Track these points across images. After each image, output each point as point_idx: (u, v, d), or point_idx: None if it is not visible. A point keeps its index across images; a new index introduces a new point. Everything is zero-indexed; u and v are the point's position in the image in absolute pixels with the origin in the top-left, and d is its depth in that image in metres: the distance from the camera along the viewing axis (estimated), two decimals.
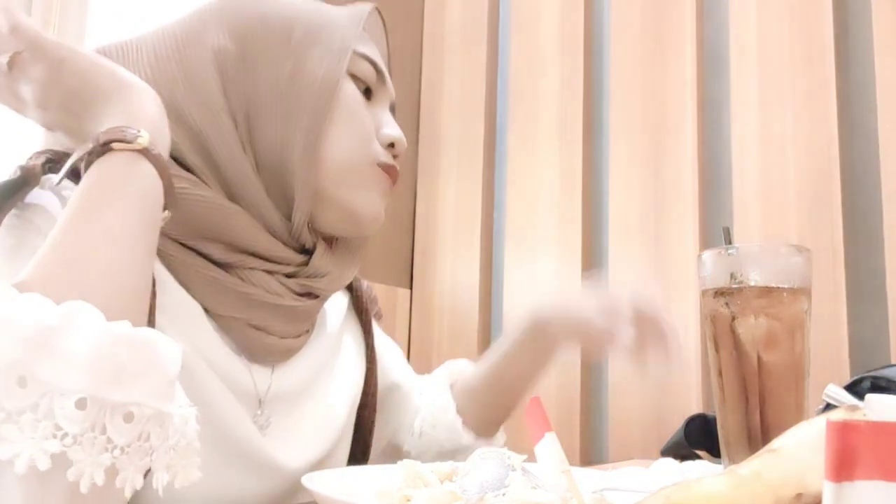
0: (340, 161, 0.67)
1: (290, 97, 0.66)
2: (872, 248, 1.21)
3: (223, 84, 0.66)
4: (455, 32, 1.77)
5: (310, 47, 0.68)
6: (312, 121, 0.65)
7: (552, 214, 1.55)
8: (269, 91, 0.66)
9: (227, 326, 0.64)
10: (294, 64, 0.67)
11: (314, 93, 0.66)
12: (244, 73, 0.66)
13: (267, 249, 0.65)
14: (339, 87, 0.67)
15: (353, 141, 0.68)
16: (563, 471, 0.45)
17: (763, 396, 0.65)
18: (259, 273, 0.64)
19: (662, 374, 0.80)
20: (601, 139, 1.55)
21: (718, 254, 0.68)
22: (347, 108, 0.68)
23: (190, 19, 0.70)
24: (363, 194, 0.69)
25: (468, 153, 1.69)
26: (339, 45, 0.68)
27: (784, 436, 0.35)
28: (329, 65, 0.67)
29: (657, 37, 1.48)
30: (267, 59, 0.67)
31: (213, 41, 0.67)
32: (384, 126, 0.72)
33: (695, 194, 1.38)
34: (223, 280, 0.63)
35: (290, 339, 0.68)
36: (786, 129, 1.31)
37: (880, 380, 0.87)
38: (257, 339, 0.65)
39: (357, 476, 0.55)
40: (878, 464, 0.23)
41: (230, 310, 0.63)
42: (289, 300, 0.66)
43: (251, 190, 0.65)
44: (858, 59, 1.28)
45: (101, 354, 0.39)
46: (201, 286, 0.62)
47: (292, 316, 0.67)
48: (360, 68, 0.70)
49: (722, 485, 0.32)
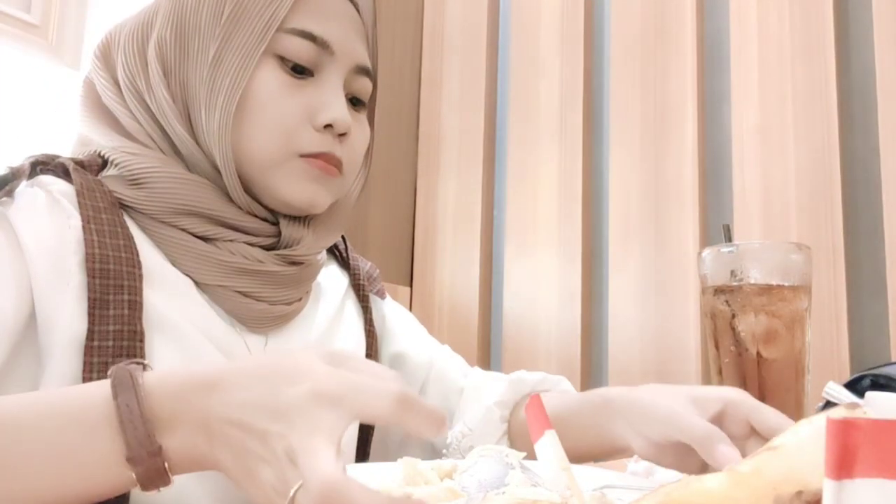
0: (256, 154, 0.66)
1: (210, 86, 0.66)
2: (872, 245, 1.21)
3: (165, 76, 0.68)
4: (455, 32, 1.77)
5: (236, 26, 0.66)
6: (222, 116, 0.65)
7: (552, 212, 1.55)
8: (196, 79, 0.67)
9: (217, 296, 0.66)
10: (218, 47, 0.66)
11: (226, 86, 0.65)
12: (179, 61, 0.68)
13: (237, 221, 0.67)
14: (248, 78, 0.65)
15: (267, 134, 0.66)
16: (564, 468, 0.45)
17: (763, 394, 0.65)
18: (239, 244, 0.67)
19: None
20: (601, 137, 1.55)
21: (718, 251, 0.68)
22: (261, 99, 0.65)
23: (149, 8, 0.71)
24: (289, 184, 0.67)
25: (468, 151, 1.69)
26: (262, 25, 0.66)
27: (784, 433, 0.35)
28: (245, 51, 0.65)
29: (657, 35, 1.48)
30: (198, 43, 0.67)
31: (157, 31, 0.69)
32: (322, 108, 0.67)
33: (695, 192, 1.38)
34: (205, 250, 0.65)
35: (282, 305, 0.70)
36: (786, 127, 1.31)
37: (880, 377, 0.87)
38: (247, 306, 0.67)
39: (357, 473, 0.55)
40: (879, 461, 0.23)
41: (216, 279, 0.65)
42: (271, 266, 0.68)
43: (206, 171, 0.67)
44: (859, 54, 1.28)
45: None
46: (187, 259, 0.65)
47: (278, 282, 0.69)
48: (289, 47, 0.66)
49: (722, 482, 0.32)
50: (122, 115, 0.69)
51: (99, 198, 0.63)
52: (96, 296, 0.58)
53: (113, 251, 0.60)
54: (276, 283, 0.69)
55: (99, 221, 0.61)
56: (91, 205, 0.62)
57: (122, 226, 0.63)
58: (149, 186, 0.65)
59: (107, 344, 0.58)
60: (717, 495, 0.31)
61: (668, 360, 1.35)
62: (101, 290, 0.58)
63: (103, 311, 0.58)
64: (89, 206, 0.61)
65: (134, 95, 0.69)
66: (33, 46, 1.16)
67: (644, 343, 1.39)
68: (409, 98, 1.77)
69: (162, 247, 0.65)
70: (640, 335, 1.39)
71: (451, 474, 0.52)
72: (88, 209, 0.61)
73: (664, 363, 1.36)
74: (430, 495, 0.45)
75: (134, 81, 0.69)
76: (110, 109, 0.70)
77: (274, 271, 0.68)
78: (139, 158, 0.66)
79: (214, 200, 0.66)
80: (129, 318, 0.59)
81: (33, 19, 1.16)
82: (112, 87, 0.70)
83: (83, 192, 0.62)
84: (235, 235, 0.67)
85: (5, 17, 1.12)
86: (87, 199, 0.62)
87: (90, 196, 0.62)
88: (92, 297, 0.58)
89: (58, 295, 0.58)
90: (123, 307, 0.59)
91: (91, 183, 0.63)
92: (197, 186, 0.66)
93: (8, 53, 1.13)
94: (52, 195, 0.62)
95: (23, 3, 1.15)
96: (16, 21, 1.14)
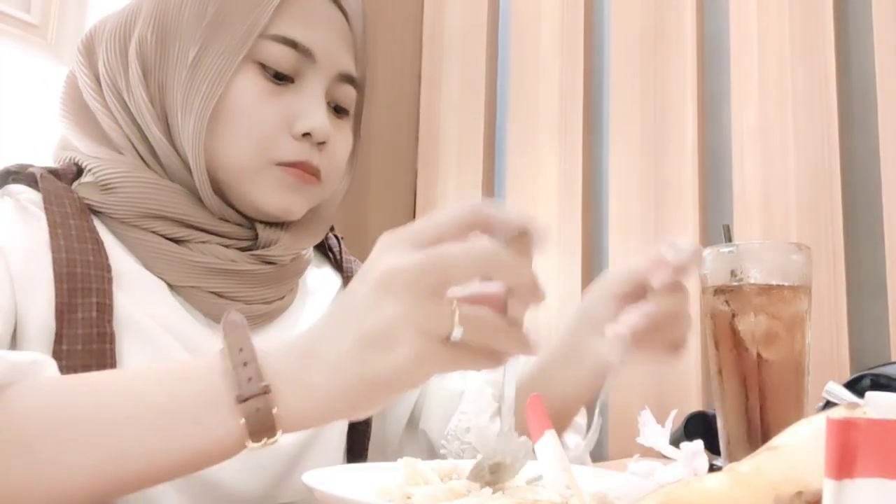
0: (232, 161, 0.66)
1: (187, 90, 0.65)
2: (873, 245, 1.21)
3: (144, 77, 0.67)
4: (455, 33, 1.77)
5: (217, 31, 0.65)
6: (197, 122, 0.65)
7: (552, 211, 1.55)
8: (174, 82, 0.66)
9: (191, 297, 0.66)
10: (197, 51, 0.65)
11: (203, 91, 0.64)
12: (159, 62, 0.67)
13: (211, 225, 0.67)
14: (226, 84, 0.64)
15: (243, 141, 0.65)
16: (564, 468, 0.45)
17: (763, 394, 0.65)
18: (212, 245, 0.67)
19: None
20: (601, 137, 1.55)
21: (718, 251, 0.68)
22: (238, 106, 0.65)
23: (134, 4, 0.71)
24: (264, 192, 0.67)
25: (468, 152, 1.69)
26: (244, 31, 0.65)
27: (784, 433, 0.35)
28: (225, 56, 0.64)
29: (657, 35, 1.48)
30: (178, 46, 0.66)
31: (139, 29, 0.68)
32: (301, 115, 0.66)
33: (695, 192, 1.38)
34: (177, 252, 0.65)
35: (260, 304, 0.69)
36: (786, 127, 1.30)
37: (880, 377, 0.87)
38: (221, 307, 0.66)
39: (358, 474, 0.55)
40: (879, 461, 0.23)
41: (188, 280, 0.65)
42: (244, 265, 0.67)
43: (182, 176, 0.67)
44: (859, 54, 1.28)
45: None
46: (158, 261, 0.65)
47: (254, 281, 0.68)
48: (270, 54, 0.65)
49: (722, 482, 0.32)
50: (101, 115, 0.69)
51: (67, 204, 0.63)
52: (63, 299, 0.58)
53: (80, 255, 0.60)
54: (251, 283, 0.68)
55: (66, 227, 0.61)
56: (59, 211, 0.62)
57: (91, 230, 0.62)
58: (118, 191, 0.65)
59: (75, 347, 0.57)
60: (716, 495, 0.31)
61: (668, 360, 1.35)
62: (69, 294, 0.58)
63: (71, 314, 0.58)
64: (56, 213, 0.61)
65: (114, 94, 0.68)
66: (33, 46, 1.16)
67: None
68: (409, 98, 1.77)
69: (134, 250, 0.65)
70: None
71: (452, 474, 0.52)
72: (56, 215, 0.61)
73: (663, 363, 1.36)
74: (430, 495, 0.45)
75: (114, 80, 0.68)
76: (90, 108, 0.69)
77: (248, 270, 0.67)
78: (111, 164, 0.66)
79: (185, 205, 0.66)
80: (98, 321, 0.59)
81: (33, 19, 1.16)
82: (93, 84, 0.69)
83: (50, 200, 0.62)
84: (208, 238, 0.67)
85: (5, 17, 1.12)
86: (53, 206, 0.62)
87: (58, 203, 0.62)
88: (59, 301, 0.58)
89: (28, 300, 0.58)
90: (91, 310, 0.59)
91: (59, 190, 0.63)
92: (168, 191, 0.66)
93: (8, 53, 1.13)
94: (20, 202, 0.62)
95: (22, 3, 1.15)
96: (15, 21, 1.14)
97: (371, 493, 0.48)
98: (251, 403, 0.43)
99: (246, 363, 0.43)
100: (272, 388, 0.43)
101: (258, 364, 0.43)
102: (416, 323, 0.41)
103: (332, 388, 0.43)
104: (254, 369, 0.43)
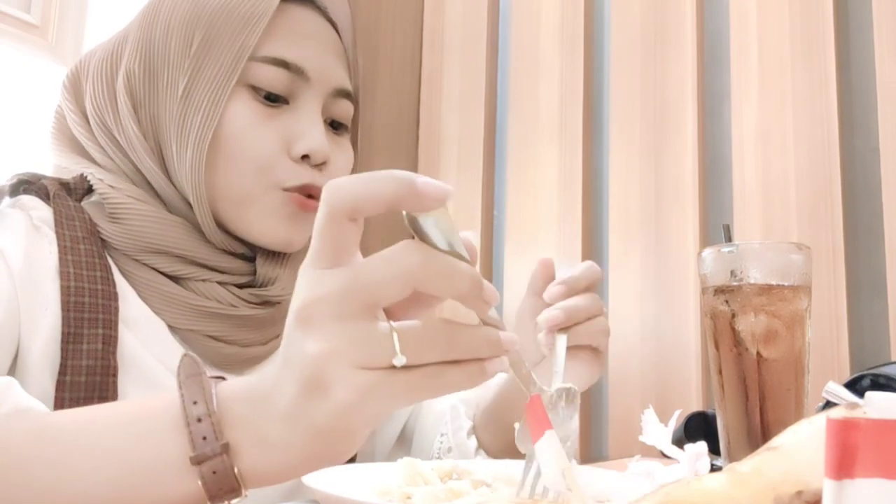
0: (233, 191, 0.64)
1: (181, 123, 0.63)
2: (873, 245, 1.21)
3: (135, 111, 0.66)
4: (455, 32, 1.77)
5: (206, 58, 0.63)
6: (195, 155, 0.63)
7: (552, 211, 1.55)
8: (167, 115, 0.65)
9: (188, 338, 0.65)
10: (188, 80, 0.63)
11: (198, 123, 0.63)
12: (149, 95, 0.65)
13: (211, 260, 0.66)
14: (220, 115, 0.62)
15: (242, 168, 0.64)
16: (564, 468, 0.45)
17: (763, 394, 0.65)
18: (212, 284, 0.65)
19: None
20: (601, 137, 1.55)
21: (718, 251, 0.68)
22: (234, 133, 0.63)
23: (119, 35, 0.69)
24: (261, 222, 0.65)
25: (468, 152, 1.69)
26: (233, 56, 0.63)
27: (784, 433, 0.35)
28: (216, 84, 0.63)
29: (657, 35, 1.48)
30: (167, 77, 0.65)
31: (126, 62, 0.66)
32: (299, 137, 0.65)
33: (695, 192, 1.38)
34: (177, 294, 0.64)
35: (256, 346, 0.68)
36: (786, 127, 1.30)
37: (880, 377, 0.87)
38: (215, 350, 0.65)
39: (358, 474, 0.55)
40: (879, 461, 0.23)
41: (186, 322, 0.64)
42: (244, 310, 0.66)
43: (180, 208, 0.66)
44: (859, 54, 1.28)
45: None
46: (158, 301, 0.63)
47: (251, 325, 0.67)
48: (261, 76, 0.64)
49: (721, 482, 0.32)
50: (92, 151, 0.67)
51: (78, 227, 0.62)
52: (70, 329, 0.57)
53: (89, 283, 0.59)
54: (249, 326, 0.67)
55: (76, 252, 0.60)
56: (69, 234, 0.61)
57: (101, 256, 0.61)
58: (122, 222, 0.64)
59: (79, 379, 0.57)
60: (716, 495, 0.31)
61: (668, 359, 1.35)
62: (76, 325, 0.57)
63: (77, 344, 0.57)
64: (67, 236, 0.60)
65: (103, 130, 0.67)
66: (33, 46, 1.16)
67: (643, 343, 1.39)
68: (409, 98, 1.77)
69: (135, 286, 0.64)
70: (639, 335, 1.39)
71: (452, 475, 0.52)
72: (66, 239, 0.60)
73: (664, 363, 1.36)
74: (430, 495, 0.45)
75: (102, 116, 0.66)
76: (81, 144, 0.68)
77: (247, 315, 0.66)
78: (116, 193, 0.65)
79: (187, 240, 0.65)
80: (103, 353, 0.58)
81: (33, 19, 1.16)
82: (80, 120, 0.68)
83: (61, 221, 0.61)
84: (208, 275, 0.65)
85: (5, 17, 1.12)
86: (64, 229, 0.61)
87: (69, 225, 0.61)
88: (66, 330, 0.57)
89: (35, 322, 0.57)
90: (97, 341, 0.58)
91: (71, 210, 0.62)
92: (170, 226, 0.65)
93: (8, 53, 1.13)
94: (31, 220, 0.61)
95: (23, 3, 1.15)
96: (16, 21, 1.14)
97: (371, 493, 0.48)
98: (207, 466, 0.38)
99: (200, 419, 0.39)
100: (231, 444, 0.39)
101: (215, 419, 0.39)
102: (348, 357, 0.36)
103: (286, 444, 0.38)
104: (208, 426, 0.39)
